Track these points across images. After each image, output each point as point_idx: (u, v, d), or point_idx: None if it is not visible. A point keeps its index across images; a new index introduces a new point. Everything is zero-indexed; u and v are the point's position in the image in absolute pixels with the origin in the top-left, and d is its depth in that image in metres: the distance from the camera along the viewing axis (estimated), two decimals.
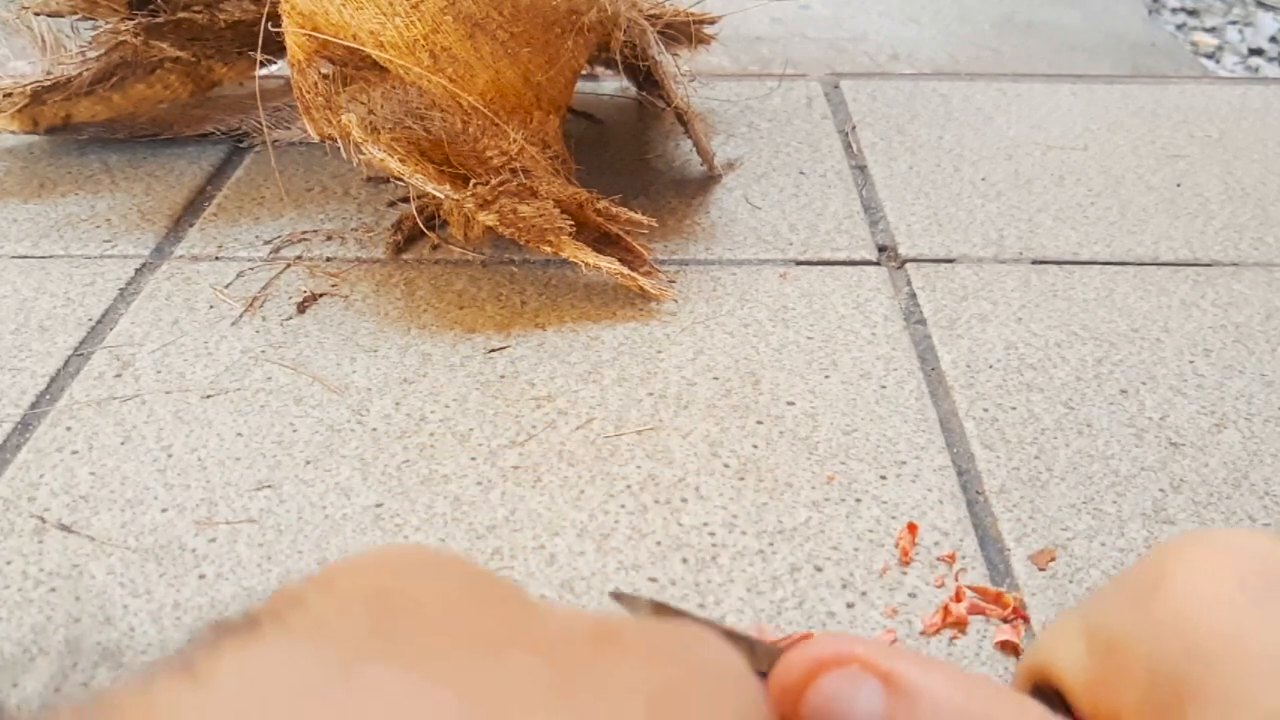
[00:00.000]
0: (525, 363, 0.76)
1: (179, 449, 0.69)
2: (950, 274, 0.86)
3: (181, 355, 0.77)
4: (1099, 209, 0.96)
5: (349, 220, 0.93)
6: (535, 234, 0.78)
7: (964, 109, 1.14)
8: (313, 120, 0.80)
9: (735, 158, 1.03)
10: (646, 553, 0.61)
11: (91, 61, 0.96)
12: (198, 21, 0.94)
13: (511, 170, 0.79)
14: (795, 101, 1.15)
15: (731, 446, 0.69)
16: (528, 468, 0.67)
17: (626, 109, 1.13)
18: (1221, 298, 0.84)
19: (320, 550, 0.61)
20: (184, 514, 0.64)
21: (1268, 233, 0.92)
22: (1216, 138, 1.08)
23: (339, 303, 0.83)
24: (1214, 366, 0.76)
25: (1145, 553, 0.61)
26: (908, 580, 0.59)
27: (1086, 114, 1.13)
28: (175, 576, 0.60)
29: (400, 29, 0.74)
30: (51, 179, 1.00)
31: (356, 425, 0.70)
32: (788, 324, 0.80)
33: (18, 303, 0.83)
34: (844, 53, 1.38)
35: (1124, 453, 0.69)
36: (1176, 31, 1.52)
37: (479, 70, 0.77)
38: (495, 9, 0.76)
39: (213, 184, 0.99)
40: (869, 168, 1.03)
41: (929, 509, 0.64)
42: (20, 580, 0.59)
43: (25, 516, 0.64)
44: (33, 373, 0.75)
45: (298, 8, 0.76)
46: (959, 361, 0.76)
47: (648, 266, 0.83)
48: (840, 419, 0.71)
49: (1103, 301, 0.83)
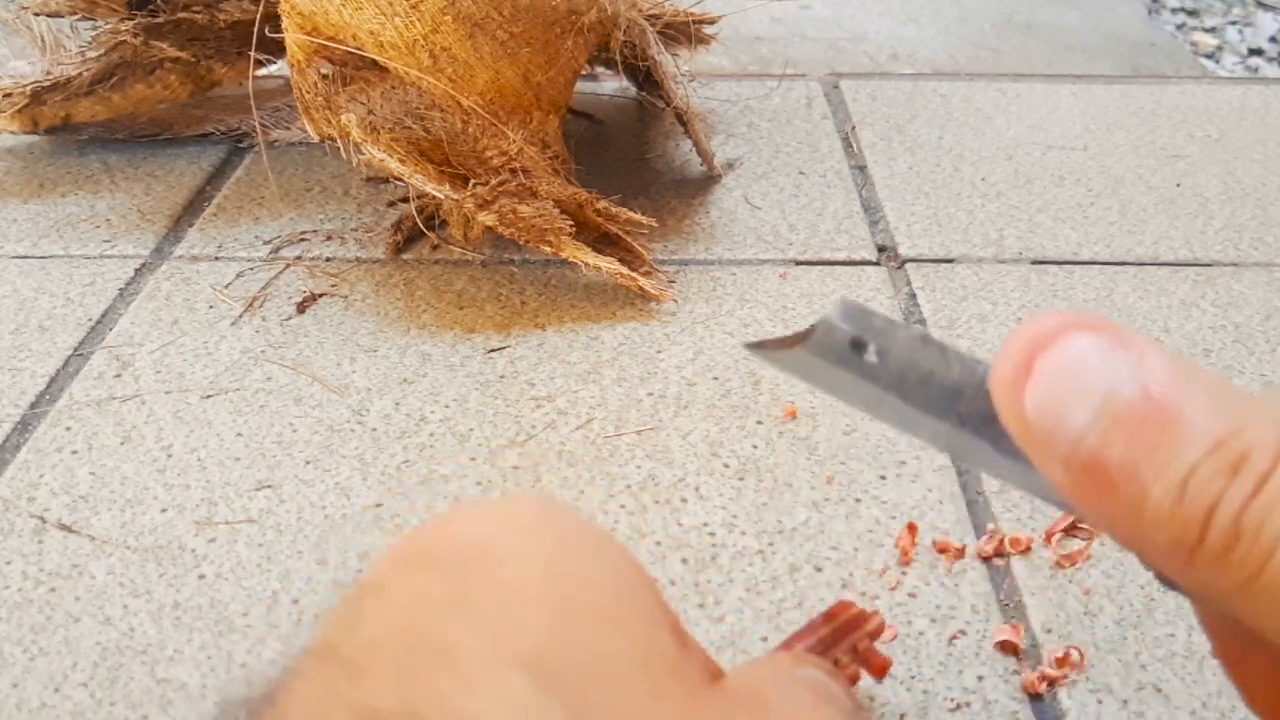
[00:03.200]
0: (525, 363, 0.76)
1: (179, 449, 0.69)
2: (950, 274, 0.86)
3: (181, 355, 0.77)
4: (1099, 209, 0.96)
5: (349, 220, 0.93)
6: (535, 234, 0.78)
7: (964, 109, 1.14)
8: (312, 120, 0.80)
9: (735, 158, 1.03)
10: (646, 553, 0.61)
11: (91, 61, 0.96)
12: (198, 21, 0.94)
13: (511, 170, 0.79)
14: (795, 101, 1.15)
15: (731, 446, 0.69)
16: (528, 468, 0.67)
17: (626, 109, 1.13)
18: (1221, 298, 0.84)
19: (320, 550, 0.61)
20: (184, 514, 0.64)
21: (1268, 233, 0.92)
22: (1216, 138, 1.08)
23: (339, 303, 0.83)
24: (1214, 366, 0.76)
25: None
26: (908, 580, 0.59)
27: (1086, 114, 1.13)
28: (175, 576, 0.60)
29: (400, 29, 0.74)
30: (51, 179, 1.00)
31: (356, 425, 0.70)
32: (788, 324, 0.80)
33: (17, 303, 0.83)
34: (844, 53, 1.38)
35: None
36: (1176, 31, 1.52)
37: (479, 70, 0.77)
38: (495, 9, 0.76)
39: (213, 184, 0.99)
40: (869, 168, 1.03)
41: (929, 509, 0.64)
42: (20, 580, 0.59)
43: (25, 516, 0.64)
44: (32, 373, 0.75)
45: (297, 8, 0.76)
46: None
47: (648, 266, 0.83)
48: (840, 419, 0.71)
49: (1103, 301, 0.83)
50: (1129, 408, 0.18)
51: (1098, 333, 0.19)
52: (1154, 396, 0.18)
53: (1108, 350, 0.19)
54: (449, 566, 0.17)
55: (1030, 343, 0.19)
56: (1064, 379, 0.19)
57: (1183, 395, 0.18)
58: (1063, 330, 0.19)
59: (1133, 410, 0.18)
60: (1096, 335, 0.19)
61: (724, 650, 0.55)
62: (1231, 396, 0.18)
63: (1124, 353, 0.19)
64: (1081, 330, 0.19)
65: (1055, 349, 0.19)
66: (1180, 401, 0.18)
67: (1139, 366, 0.18)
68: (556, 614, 0.17)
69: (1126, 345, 0.19)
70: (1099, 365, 0.18)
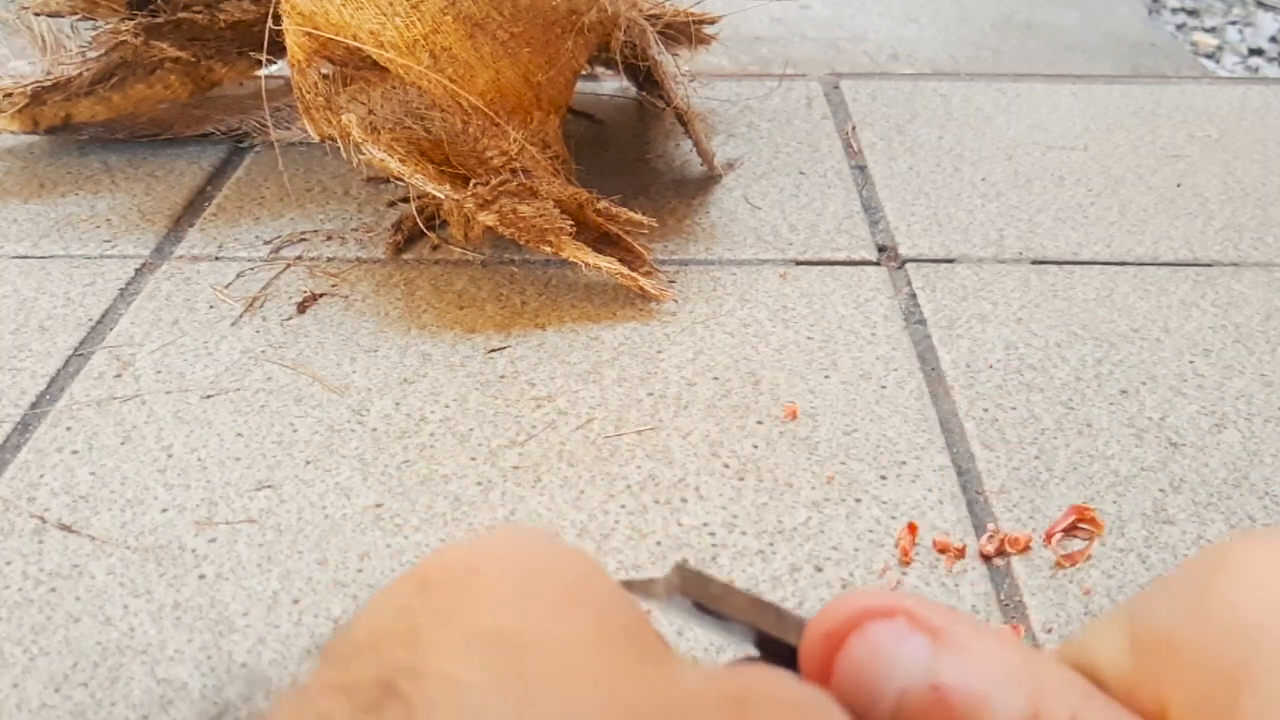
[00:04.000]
0: (525, 363, 0.76)
1: (179, 449, 0.69)
2: (950, 274, 0.86)
3: (181, 355, 0.77)
4: (1099, 209, 0.96)
5: (349, 220, 0.93)
6: (535, 234, 0.78)
7: (964, 109, 1.14)
8: (313, 120, 0.80)
9: (735, 158, 1.03)
10: (646, 553, 0.61)
11: (91, 61, 0.96)
12: (198, 21, 0.94)
13: (511, 170, 0.79)
14: (795, 101, 1.15)
15: (731, 446, 0.69)
16: (528, 468, 0.67)
17: (626, 109, 1.13)
18: (1221, 298, 0.84)
19: (320, 550, 0.61)
20: (184, 514, 0.64)
21: (1268, 233, 0.92)
22: (1216, 138, 1.08)
23: (339, 303, 0.83)
24: (1214, 366, 0.76)
25: (1145, 552, 0.62)
26: (908, 580, 0.59)
27: (1086, 114, 1.13)
28: (175, 576, 0.60)
29: (400, 29, 0.75)
30: (51, 179, 1.00)
31: (356, 425, 0.70)
32: (788, 324, 0.80)
33: (18, 303, 0.83)
34: (844, 53, 1.38)
35: (1124, 453, 0.69)
36: (1176, 31, 1.52)
37: (479, 70, 0.77)
38: (495, 9, 0.76)
39: (213, 184, 0.99)
40: (869, 168, 1.03)
41: (929, 509, 0.64)
42: (20, 580, 0.59)
43: (25, 516, 0.64)
44: (33, 373, 0.75)
45: (298, 7, 0.76)
46: (959, 361, 0.77)
47: (648, 266, 0.83)
48: (840, 419, 0.71)
49: (1103, 301, 0.83)
50: (922, 701, 0.18)
51: (889, 620, 0.19)
52: (942, 689, 0.18)
53: (901, 638, 0.19)
54: (432, 582, 0.18)
55: (828, 639, 0.19)
56: (859, 678, 0.19)
57: (975, 676, 0.18)
58: (861, 617, 0.19)
59: (926, 703, 0.18)
60: (888, 623, 0.19)
61: (724, 651, 0.55)
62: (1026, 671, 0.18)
63: (918, 638, 0.19)
64: (875, 619, 0.19)
65: (851, 642, 0.19)
66: (974, 685, 0.18)
67: (928, 655, 0.18)
68: (515, 598, 0.18)
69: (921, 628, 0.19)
70: (893, 659, 0.19)
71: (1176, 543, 0.62)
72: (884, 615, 0.19)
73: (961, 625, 0.19)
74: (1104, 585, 0.59)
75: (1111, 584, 0.59)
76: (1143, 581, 0.59)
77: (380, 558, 0.61)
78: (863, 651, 0.19)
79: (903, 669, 0.18)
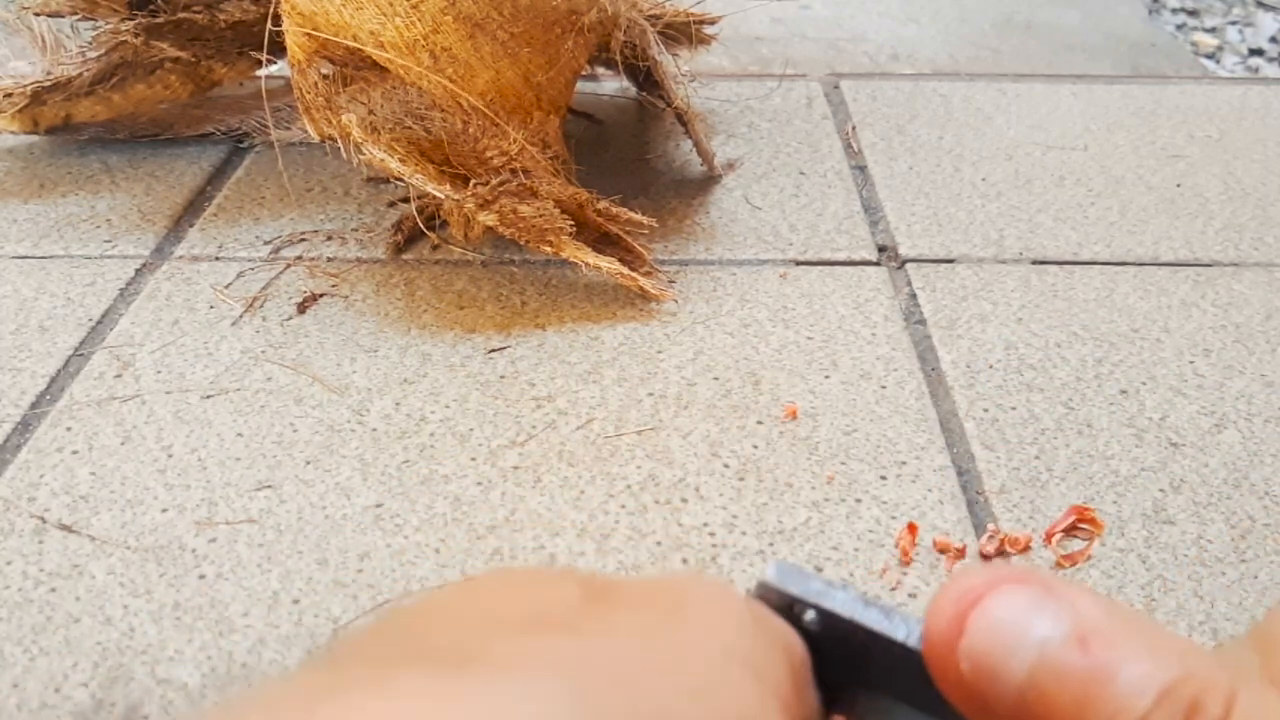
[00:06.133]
0: (525, 363, 0.76)
1: (179, 449, 0.69)
2: (950, 274, 0.86)
3: (181, 355, 0.77)
4: (1099, 209, 0.96)
5: (349, 220, 0.93)
6: (535, 234, 0.78)
7: (964, 109, 1.14)
8: (313, 120, 0.80)
9: (735, 158, 1.03)
10: (647, 553, 0.61)
11: (91, 62, 0.96)
12: (198, 21, 0.94)
13: (511, 170, 0.79)
14: (795, 101, 1.15)
15: (731, 446, 0.69)
16: (528, 468, 0.67)
17: (626, 109, 1.13)
18: (1221, 298, 0.84)
19: (320, 550, 0.61)
20: (184, 514, 0.64)
21: (1268, 233, 0.92)
22: (1216, 138, 1.08)
23: (339, 303, 0.83)
24: (1214, 366, 0.76)
25: (1145, 553, 0.62)
26: (908, 580, 0.59)
27: (1086, 114, 1.13)
28: (175, 576, 0.60)
29: (400, 29, 0.74)
30: (51, 179, 1.00)
31: (356, 425, 0.70)
32: (788, 324, 0.80)
33: (18, 303, 0.83)
34: (844, 53, 1.38)
35: (1124, 453, 0.69)
36: (1176, 31, 1.52)
37: (479, 70, 0.77)
38: (495, 9, 0.76)
39: (213, 184, 0.99)
40: (869, 168, 1.03)
41: (929, 509, 0.64)
42: (20, 580, 0.59)
43: (25, 516, 0.64)
44: (33, 373, 0.75)
45: (298, 8, 0.76)
46: (959, 362, 0.77)
47: (648, 266, 0.83)
48: (840, 419, 0.71)
49: (1103, 301, 0.83)
50: (1065, 661, 0.18)
51: (1026, 585, 0.19)
52: (1090, 646, 0.18)
53: (1038, 602, 0.18)
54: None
55: (959, 601, 0.19)
56: (997, 635, 0.18)
57: (1119, 643, 0.18)
58: (991, 586, 0.19)
59: (1069, 663, 0.18)
60: (1025, 588, 0.19)
61: None
62: (1169, 641, 0.18)
63: (1054, 604, 0.18)
64: (1010, 584, 0.19)
65: (985, 605, 0.19)
66: (1118, 649, 0.17)
67: (1071, 617, 0.18)
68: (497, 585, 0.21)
69: (1056, 596, 0.18)
70: (1031, 618, 0.18)
71: (1176, 543, 0.62)
72: (1018, 583, 0.19)
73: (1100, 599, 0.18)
74: (1104, 585, 0.59)
75: (1111, 584, 0.59)
76: (1144, 582, 0.59)
77: (380, 558, 0.61)
78: (999, 611, 0.18)
79: (1043, 626, 0.18)
